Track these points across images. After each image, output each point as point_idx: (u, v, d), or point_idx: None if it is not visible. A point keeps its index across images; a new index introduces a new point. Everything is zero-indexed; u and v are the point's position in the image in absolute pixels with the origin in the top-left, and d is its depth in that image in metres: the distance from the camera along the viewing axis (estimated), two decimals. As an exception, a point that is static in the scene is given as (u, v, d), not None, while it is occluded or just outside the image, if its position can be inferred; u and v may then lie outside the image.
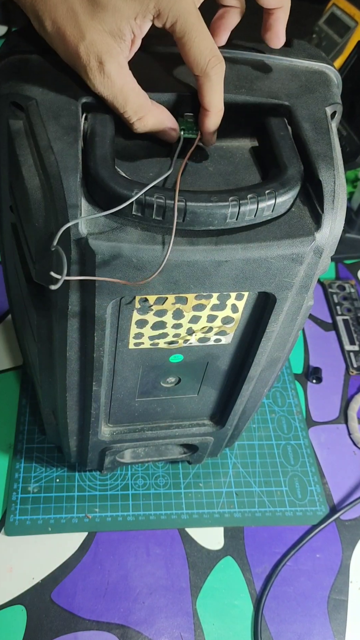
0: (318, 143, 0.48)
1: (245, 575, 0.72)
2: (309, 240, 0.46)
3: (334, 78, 0.53)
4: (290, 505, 0.77)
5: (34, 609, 0.66)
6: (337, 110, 0.52)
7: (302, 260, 0.46)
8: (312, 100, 0.50)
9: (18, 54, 0.47)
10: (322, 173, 0.46)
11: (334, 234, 0.48)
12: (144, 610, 0.68)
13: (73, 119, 0.45)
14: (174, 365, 0.56)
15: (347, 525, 0.77)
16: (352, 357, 0.94)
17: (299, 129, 0.48)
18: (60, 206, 0.42)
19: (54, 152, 0.43)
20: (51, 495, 0.74)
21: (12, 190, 0.51)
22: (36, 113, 0.45)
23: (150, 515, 0.74)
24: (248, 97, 0.49)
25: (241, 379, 0.58)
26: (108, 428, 0.64)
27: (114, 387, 0.57)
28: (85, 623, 0.66)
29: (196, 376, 0.59)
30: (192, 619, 0.68)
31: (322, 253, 0.47)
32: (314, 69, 0.53)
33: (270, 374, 0.61)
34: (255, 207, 0.43)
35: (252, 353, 0.55)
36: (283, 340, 0.56)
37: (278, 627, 0.68)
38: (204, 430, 0.66)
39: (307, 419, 0.87)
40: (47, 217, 0.44)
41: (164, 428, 0.65)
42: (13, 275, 0.63)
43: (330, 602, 0.71)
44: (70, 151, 0.43)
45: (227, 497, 0.77)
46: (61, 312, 0.48)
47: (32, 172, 0.44)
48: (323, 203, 0.46)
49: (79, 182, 0.43)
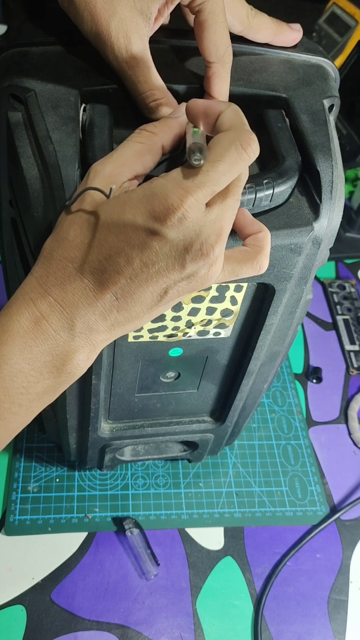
0: (316, 134, 0.48)
1: (246, 575, 0.71)
2: (307, 230, 0.46)
3: (332, 72, 0.53)
4: (290, 505, 0.77)
5: (34, 609, 0.66)
6: (335, 103, 0.52)
7: (300, 251, 0.46)
8: (309, 92, 0.50)
9: (17, 47, 0.48)
10: (319, 163, 0.47)
11: (332, 224, 0.48)
12: (144, 610, 0.67)
13: (72, 110, 0.45)
14: (173, 359, 0.56)
15: (347, 525, 0.77)
16: (352, 357, 0.94)
17: (297, 120, 0.49)
18: (59, 195, 0.42)
19: (53, 141, 0.43)
20: (51, 495, 0.74)
21: (12, 184, 0.51)
22: (35, 104, 0.45)
23: (150, 515, 0.74)
24: (246, 89, 0.49)
25: (241, 374, 0.58)
26: (108, 424, 0.64)
27: (113, 381, 0.57)
28: (85, 623, 0.66)
29: (196, 371, 0.59)
30: (192, 619, 0.67)
31: (321, 244, 0.47)
32: (312, 63, 0.53)
33: (270, 369, 0.60)
34: (253, 197, 0.43)
35: (252, 347, 0.55)
36: (282, 334, 0.56)
37: (278, 627, 0.68)
38: (204, 427, 0.66)
39: (307, 418, 0.86)
40: (45, 207, 0.44)
41: (164, 425, 0.65)
42: (13, 274, 0.63)
43: (331, 602, 0.70)
44: (69, 141, 0.43)
45: (227, 497, 0.77)
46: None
47: (31, 163, 0.44)
48: (321, 193, 0.46)
49: (78, 171, 0.43)
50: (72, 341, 0.39)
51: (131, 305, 0.39)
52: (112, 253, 0.37)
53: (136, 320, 0.40)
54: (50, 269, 0.39)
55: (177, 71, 0.49)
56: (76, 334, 0.39)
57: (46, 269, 0.39)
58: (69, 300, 0.38)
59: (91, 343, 0.40)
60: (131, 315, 0.39)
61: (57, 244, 0.39)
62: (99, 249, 0.37)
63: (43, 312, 0.38)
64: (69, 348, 0.39)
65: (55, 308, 0.38)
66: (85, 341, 0.39)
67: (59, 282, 0.38)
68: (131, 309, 0.39)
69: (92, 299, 0.38)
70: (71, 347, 0.39)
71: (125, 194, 0.37)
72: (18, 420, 0.41)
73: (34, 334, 0.38)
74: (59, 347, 0.39)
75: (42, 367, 0.39)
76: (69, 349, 0.39)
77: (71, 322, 0.39)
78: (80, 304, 0.38)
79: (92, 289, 0.38)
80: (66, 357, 0.39)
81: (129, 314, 0.39)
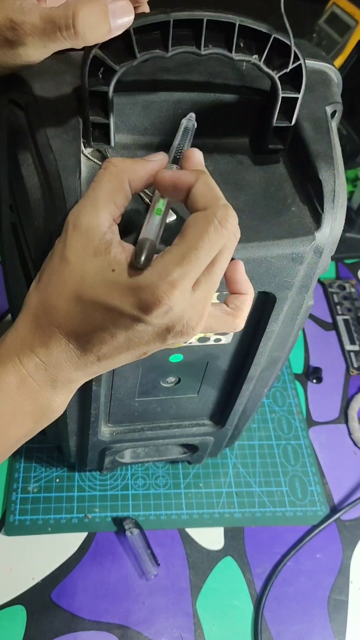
0: (318, 142, 0.48)
1: (246, 575, 0.72)
2: (309, 240, 0.45)
3: (334, 77, 0.53)
4: (290, 505, 0.77)
5: (34, 609, 0.66)
6: (337, 110, 0.52)
7: (302, 260, 0.46)
8: (312, 99, 0.50)
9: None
10: (322, 172, 0.46)
11: (334, 233, 0.48)
12: (144, 610, 0.68)
13: (72, 117, 0.44)
14: (173, 365, 0.56)
15: (347, 525, 0.77)
16: (352, 357, 0.94)
17: (299, 128, 0.48)
18: (60, 205, 0.42)
19: (53, 150, 0.43)
20: (51, 495, 0.74)
21: (12, 189, 0.50)
22: (35, 111, 0.44)
23: (150, 515, 0.74)
24: (249, 95, 0.49)
25: (241, 379, 0.58)
26: (108, 428, 0.64)
27: (113, 386, 0.57)
28: (85, 623, 0.66)
29: (196, 376, 0.59)
30: (192, 619, 0.68)
31: (322, 253, 0.47)
32: (314, 68, 0.52)
33: (270, 374, 0.60)
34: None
35: (252, 353, 0.55)
36: (283, 340, 0.56)
37: (278, 628, 0.68)
38: (204, 430, 0.66)
39: (307, 419, 0.86)
40: (46, 217, 0.44)
41: (164, 428, 0.65)
42: (13, 275, 0.62)
43: (331, 603, 0.71)
44: (70, 149, 0.43)
45: (227, 497, 0.77)
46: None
47: (32, 171, 0.44)
48: (323, 202, 0.46)
49: (79, 181, 0.43)
50: (54, 392, 0.42)
51: (110, 363, 0.41)
52: (97, 328, 0.39)
53: (111, 369, 0.43)
54: (36, 333, 0.40)
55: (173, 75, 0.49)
56: (57, 387, 0.42)
57: (32, 331, 0.40)
58: (53, 360, 0.40)
59: (70, 390, 0.43)
60: (109, 368, 0.42)
61: (43, 308, 0.40)
62: (85, 322, 0.39)
63: (29, 371, 0.40)
64: (50, 398, 0.42)
65: (40, 367, 0.40)
66: (64, 390, 0.42)
67: (44, 344, 0.40)
68: (110, 365, 0.42)
69: (75, 360, 0.40)
70: (52, 397, 0.42)
71: (112, 276, 0.38)
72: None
73: (19, 390, 0.41)
74: (40, 399, 0.42)
75: (24, 417, 0.42)
76: (50, 399, 0.42)
77: (54, 378, 0.41)
78: (63, 363, 0.41)
79: (76, 352, 0.40)
80: (47, 406, 0.42)
81: (108, 368, 0.42)
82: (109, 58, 0.41)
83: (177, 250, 0.37)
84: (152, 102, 0.47)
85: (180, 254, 0.37)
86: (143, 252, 0.37)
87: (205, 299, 0.39)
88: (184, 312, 0.38)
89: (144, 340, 0.39)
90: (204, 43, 0.42)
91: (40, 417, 0.43)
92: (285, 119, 0.47)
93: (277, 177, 0.49)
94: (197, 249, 0.37)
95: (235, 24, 0.41)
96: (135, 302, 0.37)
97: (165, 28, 0.41)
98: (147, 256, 0.37)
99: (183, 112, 0.48)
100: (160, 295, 0.37)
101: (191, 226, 0.38)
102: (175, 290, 0.37)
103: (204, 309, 0.39)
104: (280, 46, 0.43)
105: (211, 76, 0.50)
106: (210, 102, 0.48)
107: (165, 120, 0.48)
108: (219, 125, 0.49)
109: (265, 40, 0.42)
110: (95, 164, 0.46)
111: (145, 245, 0.37)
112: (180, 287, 0.37)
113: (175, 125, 0.48)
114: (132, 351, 0.40)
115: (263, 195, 0.47)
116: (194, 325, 0.39)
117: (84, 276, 0.38)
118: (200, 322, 0.39)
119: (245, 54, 0.43)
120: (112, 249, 0.38)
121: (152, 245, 0.38)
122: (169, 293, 0.37)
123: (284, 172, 0.49)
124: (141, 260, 0.37)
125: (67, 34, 0.38)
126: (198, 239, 0.37)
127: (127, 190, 0.40)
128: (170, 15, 0.40)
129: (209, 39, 0.42)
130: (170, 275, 0.37)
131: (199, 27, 0.41)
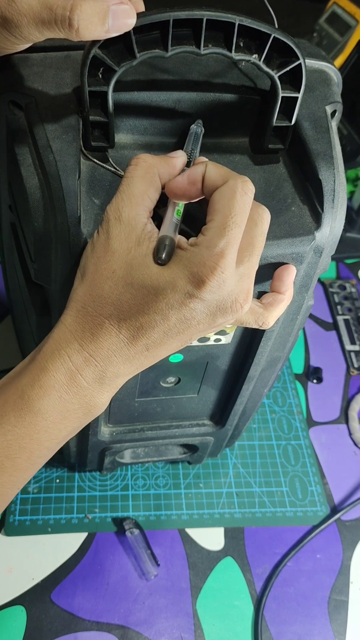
0: (318, 142, 0.47)
1: (246, 575, 0.71)
2: (308, 240, 0.45)
3: (334, 77, 0.53)
4: (290, 505, 0.77)
5: (34, 609, 0.66)
6: (337, 109, 0.51)
7: (302, 260, 0.46)
8: (312, 98, 0.50)
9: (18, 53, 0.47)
10: (322, 172, 0.46)
11: (334, 233, 0.48)
12: (144, 610, 0.68)
13: (72, 118, 0.44)
14: (173, 365, 0.56)
15: (347, 525, 0.77)
16: (352, 357, 0.94)
17: (299, 127, 0.48)
18: (59, 206, 0.42)
19: (53, 151, 0.43)
20: (51, 495, 0.74)
21: (11, 190, 0.50)
22: (35, 112, 0.44)
23: (150, 515, 0.74)
24: (249, 95, 0.49)
25: (241, 379, 0.58)
26: (108, 428, 0.64)
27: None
28: (85, 623, 0.66)
29: (196, 376, 0.59)
30: (192, 620, 0.68)
31: (322, 252, 0.47)
32: (314, 68, 0.52)
33: (270, 374, 0.60)
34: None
35: (252, 353, 0.55)
36: (283, 340, 0.56)
37: (278, 628, 0.68)
38: (204, 430, 0.66)
39: (307, 419, 0.86)
40: (46, 217, 0.43)
41: (164, 428, 0.65)
42: (13, 275, 0.62)
43: (331, 603, 0.71)
44: (69, 150, 0.43)
45: (227, 498, 0.77)
46: (61, 312, 0.48)
47: (31, 172, 0.44)
48: (323, 202, 0.46)
49: (78, 182, 0.42)
50: (100, 389, 0.41)
51: (158, 352, 0.41)
52: (150, 311, 0.39)
53: (156, 361, 0.42)
54: (85, 325, 0.40)
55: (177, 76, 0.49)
56: (105, 383, 0.41)
57: (81, 324, 0.40)
58: (103, 354, 0.40)
59: (115, 387, 0.42)
60: (155, 359, 0.42)
61: (91, 298, 0.40)
62: (136, 307, 0.39)
63: (78, 367, 0.40)
64: (96, 395, 0.42)
65: (91, 362, 0.40)
66: (110, 387, 0.42)
67: (95, 337, 0.40)
68: (157, 355, 0.41)
69: (125, 351, 0.40)
70: (98, 394, 0.42)
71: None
72: (44, 459, 0.44)
73: (68, 388, 0.40)
74: (88, 397, 0.41)
75: (72, 416, 0.42)
76: (96, 396, 0.42)
77: (103, 373, 0.41)
78: (113, 356, 0.40)
79: (126, 342, 0.40)
80: (93, 404, 0.42)
81: (154, 359, 0.42)
82: (109, 58, 0.41)
83: (214, 224, 0.39)
84: (152, 102, 0.47)
85: (220, 225, 0.38)
86: (165, 249, 0.39)
87: (250, 275, 0.40)
88: (233, 287, 0.39)
89: (195, 321, 0.39)
90: (204, 42, 0.42)
91: (85, 415, 0.42)
92: (285, 119, 0.47)
93: (277, 176, 0.49)
94: (233, 216, 0.38)
95: (234, 23, 0.41)
96: (188, 277, 0.38)
97: (165, 28, 0.41)
98: (168, 252, 0.39)
99: (182, 111, 0.48)
100: (212, 265, 0.38)
101: (218, 200, 0.39)
102: (225, 259, 0.38)
103: (250, 284, 0.40)
104: (280, 45, 0.43)
105: (211, 76, 0.50)
106: (210, 102, 0.48)
107: (164, 120, 0.48)
108: (219, 125, 0.49)
109: (265, 40, 0.43)
110: (95, 164, 0.46)
111: (166, 242, 0.39)
112: (229, 255, 0.38)
113: (174, 125, 0.48)
114: (181, 335, 0.40)
115: (263, 195, 0.47)
116: (242, 302, 0.40)
117: (131, 263, 0.39)
118: (248, 300, 0.40)
119: (245, 54, 0.43)
120: (154, 238, 0.39)
121: (172, 242, 0.39)
122: (220, 262, 0.38)
123: (284, 171, 0.49)
124: (162, 256, 0.38)
125: (62, 25, 0.37)
126: (230, 207, 0.38)
127: (158, 184, 0.41)
128: (170, 15, 0.40)
129: (209, 38, 0.42)
130: (217, 246, 0.38)
131: (199, 27, 0.41)
